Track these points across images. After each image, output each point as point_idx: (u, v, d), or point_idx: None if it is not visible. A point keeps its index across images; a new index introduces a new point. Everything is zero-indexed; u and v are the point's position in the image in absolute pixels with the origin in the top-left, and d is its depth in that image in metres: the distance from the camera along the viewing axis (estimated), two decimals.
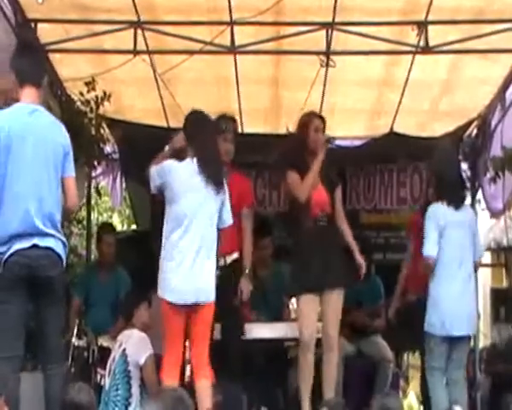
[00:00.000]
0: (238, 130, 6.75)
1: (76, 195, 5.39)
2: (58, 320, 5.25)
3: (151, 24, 7.28)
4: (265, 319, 7.44)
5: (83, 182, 8.14)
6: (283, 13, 7.17)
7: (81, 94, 7.60)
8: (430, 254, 6.29)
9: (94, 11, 7.11)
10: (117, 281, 7.85)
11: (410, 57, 7.72)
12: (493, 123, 8.29)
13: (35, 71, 5.29)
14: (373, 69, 8.01)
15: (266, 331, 7.12)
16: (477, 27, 7.20)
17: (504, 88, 8.03)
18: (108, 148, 8.63)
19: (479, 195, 8.78)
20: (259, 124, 8.98)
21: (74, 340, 6.84)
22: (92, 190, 8.98)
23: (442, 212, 6.35)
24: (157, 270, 5.71)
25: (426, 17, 7.11)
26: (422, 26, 7.16)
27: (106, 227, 8.78)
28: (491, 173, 7.54)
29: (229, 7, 6.99)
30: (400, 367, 10.18)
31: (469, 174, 8.63)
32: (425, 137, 8.75)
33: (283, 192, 8.91)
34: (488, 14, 7.07)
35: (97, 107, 7.68)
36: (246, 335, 6.71)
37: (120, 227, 13.78)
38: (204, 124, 5.90)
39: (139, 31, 7.25)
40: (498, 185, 7.63)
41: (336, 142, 7.08)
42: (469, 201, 8.00)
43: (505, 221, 9.06)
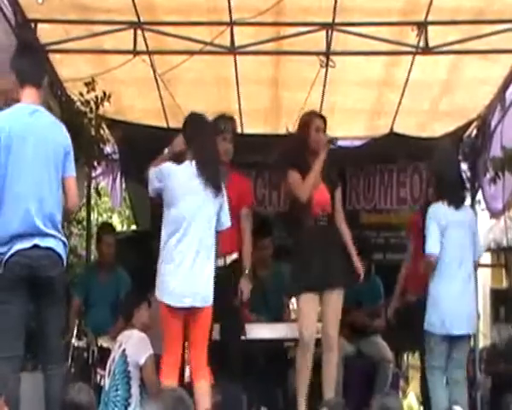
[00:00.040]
0: (237, 129, 6.73)
1: (76, 195, 5.39)
2: (58, 321, 5.25)
3: (151, 24, 7.29)
4: (265, 320, 7.44)
5: (83, 182, 8.13)
6: (283, 13, 7.17)
7: (81, 94, 7.60)
8: (432, 251, 6.29)
9: (94, 11, 7.12)
10: (117, 281, 7.85)
11: (410, 58, 7.72)
12: (493, 123, 8.29)
13: (35, 71, 5.29)
14: (373, 70, 8.01)
15: (266, 332, 7.13)
16: (477, 28, 7.20)
17: (504, 88, 8.03)
18: (108, 148, 8.62)
19: (479, 195, 8.78)
20: (259, 124, 8.98)
21: (74, 340, 6.84)
22: (92, 191, 8.99)
23: (443, 212, 6.35)
24: (156, 271, 5.71)
25: (426, 17, 7.12)
26: (422, 27, 7.17)
27: (106, 227, 8.77)
28: (490, 174, 7.54)
29: (228, 7, 6.99)
30: (400, 367, 10.18)
31: (469, 175, 8.63)
32: (425, 137, 8.76)
33: (284, 192, 8.91)
34: (488, 14, 7.07)
35: (97, 107, 7.68)
36: (246, 335, 6.71)
37: (120, 228, 13.76)
38: (203, 126, 5.89)
39: (139, 31, 7.25)
40: (498, 186, 7.63)
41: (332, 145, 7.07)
42: (469, 201, 8.00)
43: (505, 221, 9.07)
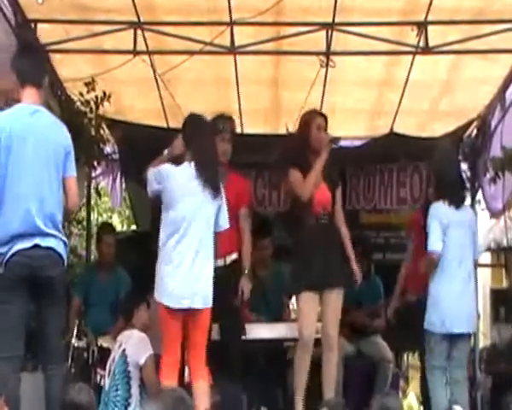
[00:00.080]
0: (236, 129, 6.72)
1: (77, 195, 5.40)
2: (59, 320, 5.25)
3: (151, 24, 7.29)
4: (265, 320, 7.44)
5: (83, 182, 8.13)
6: (283, 13, 7.17)
7: (81, 94, 7.59)
8: (435, 248, 6.27)
9: (94, 11, 7.12)
10: (117, 281, 7.85)
11: (410, 57, 7.73)
12: (493, 123, 8.29)
13: (36, 71, 5.29)
14: (373, 69, 8.01)
15: (266, 332, 7.13)
16: (477, 28, 7.20)
17: (504, 88, 8.03)
18: (108, 148, 8.62)
19: (479, 195, 8.78)
20: (259, 124, 8.98)
21: (74, 340, 6.84)
22: (92, 191, 8.99)
23: (444, 211, 6.35)
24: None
25: (426, 17, 7.12)
26: (422, 27, 7.17)
27: (106, 227, 8.78)
28: (490, 174, 7.53)
29: (228, 7, 6.99)
30: (400, 367, 10.18)
31: (469, 175, 8.63)
32: (425, 137, 8.75)
33: (284, 192, 8.91)
34: (488, 14, 7.07)
35: (97, 107, 7.68)
36: (246, 335, 6.70)
37: (120, 228, 13.77)
38: (202, 127, 5.89)
39: (139, 31, 7.26)
40: (498, 186, 7.62)
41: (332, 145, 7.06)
42: (469, 201, 8.00)
43: (505, 221, 9.05)
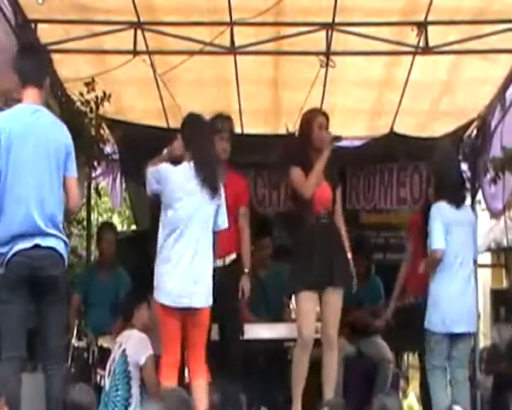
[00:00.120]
0: (234, 129, 6.73)
1: (78, 195, 5.40)
2: (59, 321, 5.24)
3: (151, 24, 7.29)
4: (265, 320, 7.44)
5: (82, 182, 8.12)
6: (283, 13, 7.17)
7: (81, 94, 7.59)
8: (438, 247, 6.25)
9: (94, 12, 7.12)
10: (117, 281, 7.86)
11: (410, 58, 7.72)
12: (493, 123, 8.28)
13: (37, 72, 5.29)
14: (373, 70, 8.01)
15: (266, 332, 7.14)
16: (477, 28, 7.20)
17: (504, 88, 8.03)
18: (108, 148, 8.63)
19: (479, 195, 8.78)
20: (259, 124, 8.97)
21: (74, 340, 6.84)
22: (92, 191, 8.99)
23: (446, 211, 6.35)
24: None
25: (426, 17, 7.12)
26: (422, 27, 7.16)
27: (106, 226, 8.82)
28: (490, 174, 7.53)
29: (229, 7, 6.98)
30: (400, 368, 10.19)
31: (469, 175, 8.63)
32: (425, 137, 8.76)
33: (284, 191, 8.91)
34: (488, 14, 7.07)
35: (97, 107, 7.68)
36: (244, 335, 6.70)
37: (120, 228, 13.77)
38: (201, 127, 5.89)
39: (139, 31, 7.25)
40: (498, 186, 7.62)
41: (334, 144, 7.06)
42: (469, 201, 8.00)
43: (505, 222, 9.04)
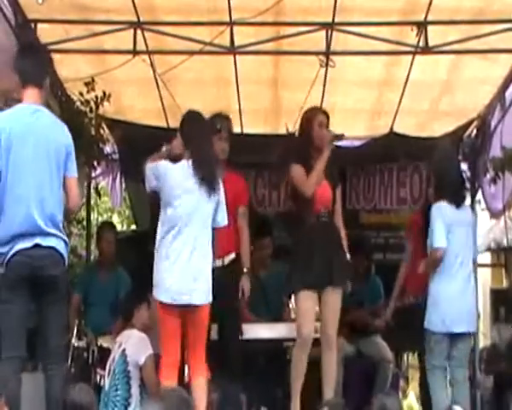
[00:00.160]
0: (233, 129, 6.73)
1: (78, 195, 5.41)
2: (60, 320, 5.24)
3: (151, 24, 7.28)
4: (265, 320, 7.44)
5: (82, 182, 8.12)
6: (283, 13, 7.17)
7: (81, 94, 7.59)
8: (440, 245, 6.25)
9: (94, 11, 7.12)
10: (117, 281, 7.86)
11: (410, 57, 7.72)
12: (493, 123, 8.28)
13: (37, 72, 5.29)
14: (373, 69, 8.01)
15: (266, 332, 7.13)
16: (477, 28, 7.20)
17: (504, 88, 8.02)
18: (108, 148, 8.62)
19: (479, 195, 8.78)
20: (259, 124, 8.97)
21: (74, 340, 6.84)
22: (92, 191, 8.99)
23: (446, 210, 6.35)
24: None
25: (425, 17, 7.11)
26: (422, 27, 7.16)
27: (106, 225, 8.82)
28: (490, 174, 7.53)
29: (228, 7, 6.98)
30: (400, 367, 10.19)
31: (469, 175, 8.62)
32: (425, 137, 8.75)
33: (284, 191, 8.91)
34: (488, 14, 7.07)
35: (97, 107, 7.68)
36: (243, 335, 6.70)
37: (120, 228, 13.77)
38: (200, 125, 5.88)
39: (139, 31, 7.25)
40: (498, 186, 7.62)
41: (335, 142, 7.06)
42: (469, 201, 8.00)
43: (505, 222, 9.04)
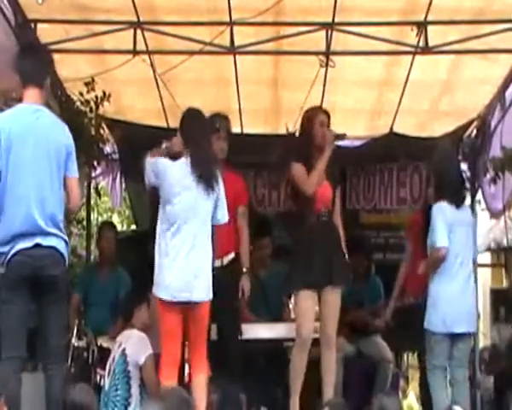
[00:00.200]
0: (231, 129, 6.73)
1: (78, 195, 5.42)
2: (60, 320, 5.24)
3: (151, 24, 7.28)
4: (265, 320, 7.44)
5: (82, 182, 8.12)
6: (283, 13, 7.17)
7: (81, 94, 7.59)
8: (442, 244, 6.24)
9: (94, 11, 7.12)
10: (117, 281, 7.86)
11: (410, 57, 7.72)
12: (493, 123, 8.28)
13: (38, 72, 5.29)
14: (373, 69, 8.01)
15: (266, 332, 7.13)
16: (477, 28, 7.20)
17: (504, 88, 8.02)
18: (108, 148, 8.62)
19: (479, 195, 8.78)
20: (259, 124, 8.97)
21: (74, 340, 6.84)
22: (92, 191, 8.99)
23: (447, 210, 6.35)
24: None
25: (425, 17, 7.11)
26: (422, 27, 7.16)
27: (106, 225, 8.82)
28: (490, 174, 7.53)
29: (228, 7, 6.98)
30: (400, 367, 10.20)
31: (469, 175, 8.62)
32: (425, 137, 8.75)
33: (284, 191, 8.91)
34: (488, 14, 7.07)
35: (97, 107, 7.68)
36: (242, 335, 6.70)
37: (120, 228, 13.77)
38: (200, 123, 5.90)
39: (139, 31, 7.25)
40: (498, 186, 7.62)
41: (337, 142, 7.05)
42: (469, 201, 8.00)
43: (505, 222, 9.05)
